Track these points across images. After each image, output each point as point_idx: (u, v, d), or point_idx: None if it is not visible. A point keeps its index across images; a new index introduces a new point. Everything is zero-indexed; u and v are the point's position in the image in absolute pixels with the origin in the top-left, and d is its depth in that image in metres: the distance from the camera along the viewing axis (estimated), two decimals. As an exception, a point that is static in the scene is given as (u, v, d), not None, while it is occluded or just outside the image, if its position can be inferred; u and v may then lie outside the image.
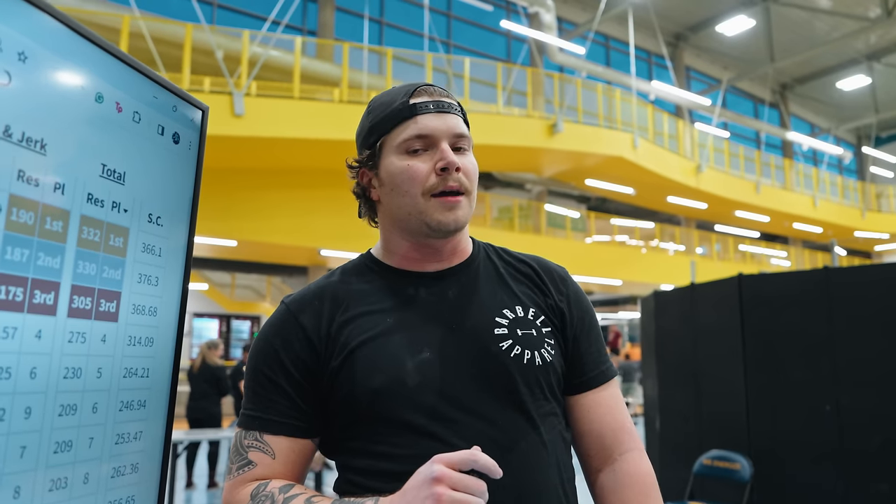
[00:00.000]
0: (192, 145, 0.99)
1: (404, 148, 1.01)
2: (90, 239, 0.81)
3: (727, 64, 23.37)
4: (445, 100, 1.05)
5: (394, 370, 0.96)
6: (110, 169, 0.84)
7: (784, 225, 21.76)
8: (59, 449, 0.77)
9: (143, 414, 0.91)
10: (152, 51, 10.63)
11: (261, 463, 0.96)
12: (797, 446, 4.39)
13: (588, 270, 17.39)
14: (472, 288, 1.07)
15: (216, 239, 12.46)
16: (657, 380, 5.69)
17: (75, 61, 0.78)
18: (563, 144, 14.54)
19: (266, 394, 0.99)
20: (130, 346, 0.88)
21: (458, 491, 0.80)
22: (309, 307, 1.02)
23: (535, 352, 1.02)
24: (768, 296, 4.70)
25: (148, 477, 0.92)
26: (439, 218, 1.00)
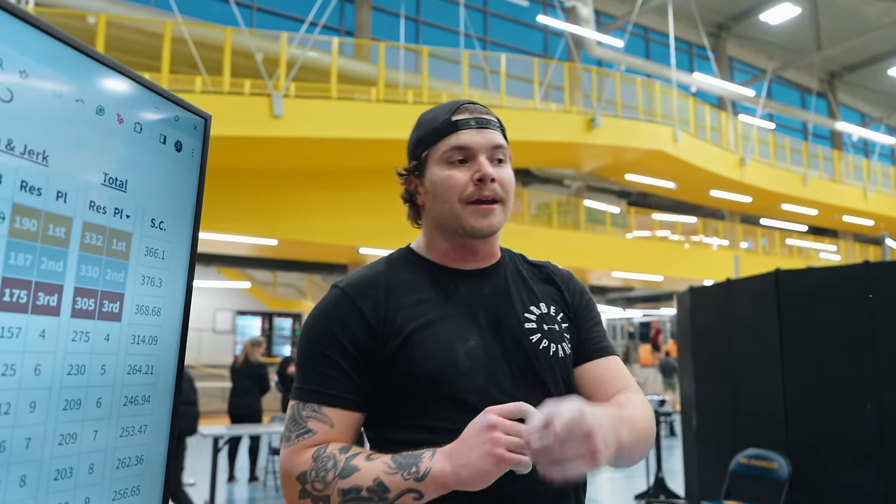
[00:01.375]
0: (194, 152, 1.04)
1: (445, 159, 1.14)
2: (92, 244, 0.86)
3: (772, 53, 22.80)
4: (485, 116, 1.17)
5: (449, 354, 1.08)
6: (112, 177, 0.89)
7: (833, 218, 21.14)
8: (64, 441, 0.82)
9: (147, 409, 0.96)
10: (194, 54, 10.89)
11: (319, 431, 1.05)
12: (837, 445, 4.29)
13: (629, 266, 17.20)
14: (504, 286, 1.20)
15: (258, 238, 12.71)
16: (693, 377, 5.61)
17: (75, 77, 0.83)
18: (602, 139, 14.40)
19: (325, 370, 1.07)
20: (134, 344, 0.93)
21: (510, 435, 0.92)
22: (366, 293, 1.12)
23: (559, 345, 1.17)
24: (807, 291, 4.60)
25: (153, 468, 0.97)
26: (473, 223, 1.13)
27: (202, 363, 15.52)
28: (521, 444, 0.92)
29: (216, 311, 18.15)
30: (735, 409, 5.01)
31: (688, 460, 5.87)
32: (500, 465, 0.91)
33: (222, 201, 11.83)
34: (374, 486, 0.96)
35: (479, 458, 0.92)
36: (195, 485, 7.02)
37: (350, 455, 1.00)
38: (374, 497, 0.96)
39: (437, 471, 0.94)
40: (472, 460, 0.92)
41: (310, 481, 1.00)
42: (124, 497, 0.92)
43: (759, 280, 4.90)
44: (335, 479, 0.98)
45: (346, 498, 0.97)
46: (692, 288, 5.75)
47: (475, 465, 0.92)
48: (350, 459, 0.99)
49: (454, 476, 0.93)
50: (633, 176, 16.91)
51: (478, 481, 0.93)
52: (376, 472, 0.97)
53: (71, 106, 0.82)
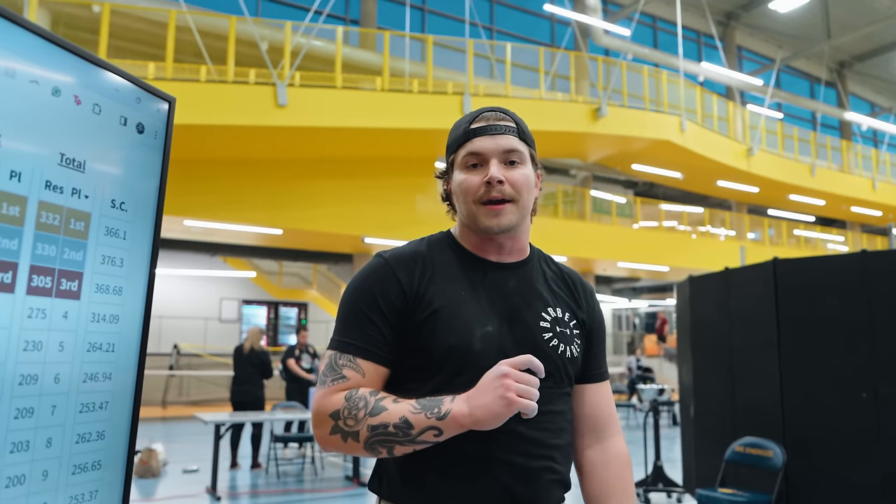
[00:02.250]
0: (157, 135, 1.05)
1: (463, 164, 1.27)
2: (49, 223, 0.87)
3: (781, 42, 22.59)
4: (500, 123, 1.27)
5: (466, 334, 1.19)
6: (69, 158, 0.90)
7: (841, 209, 21.01)
8: (20, 415, 0.84)
9: (108, 385, 0.98)
10: (199, 43, 10.90)
11: (352, 379, 1.17)
12: (832, 434, 4.29)
13: (635, 257, 17.16)
14: (528, 284, 1.30)
15: (263, 228, 12.74)
16: (692, 366, 5.62)
17: (30, 58, 0.85)
18: (608, 129, 14.33)
19: (362, 327, 1.19)
20: (94, 322, 0.95)
21: (521, 383, 1.07)
22: (405, 266, 1.23)
23: (568, 346, 1.28)
24: (805, 281, 4.59)
25: (115, 444, 0.99)
26: (485, 222, 1.24)
27: (208, 352, 15.61)
28: (529, 390, 1.06)
29: (222, 300, 18.24)
30: (732, 399, 5.01)
31: (686, 449, 5.88)
32: (510, 407, 1.05)
33: (227, 191, 11.87)
34: (401, 423, 1.09)
35: (493, 401, 1.06)
36: (198, 471, 7.09)
37: (380, 398, 1.13)
38: (400, 433, 1.09)
39: (456, 411, 1.08)
40: (485, 402, 1.06)
41: (342, 418, 1.12)
42: (85, 471, 0.94)
43: (757, 269, 4.89)
44: (366, 416, 1.10)
45: (373, 433, 1.10)
46: (692, 277, 5.74)
47: (489, 407, 1.06)
48: (380, 401, 1.12)
49: (471, 416, 1.07)
50: (639, 166, 16.84)
51: (491, 421, 1.06)
52: (403, 411, 1.10)
53: (25, 87, 0.84)
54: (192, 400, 14.26)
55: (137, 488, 6.35)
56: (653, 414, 6.40)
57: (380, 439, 1.10)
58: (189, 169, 11.24)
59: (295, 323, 17.84)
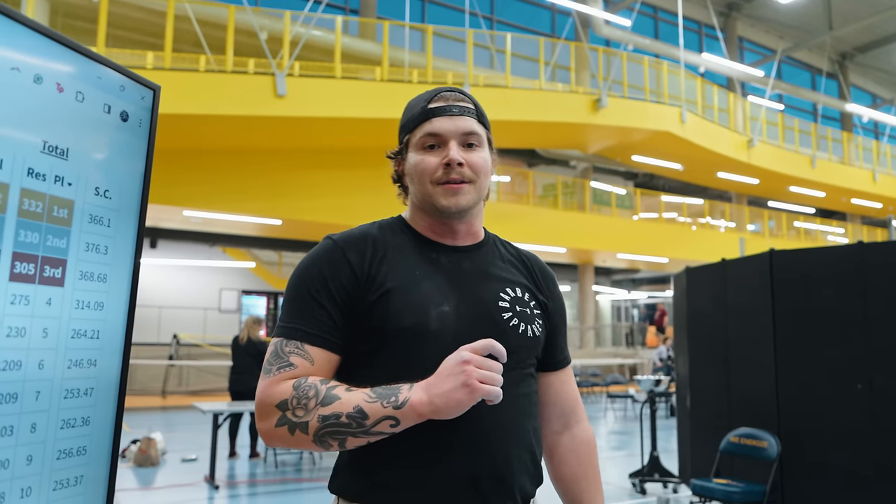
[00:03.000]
0: (142, 123, 1.05)
1: (420, 144, 1.22)
2: (32, 210, 0.88)
3: (783, 33, 22.51)
4: (459, 104, 1.24)
5: (421, 314, 1.14)
6: (52, 145, 0.91)
7: (841, 201, 20.99)
8: (4, 400, 0.85)
9: (93, 372, 0.98)
10: (198, 33, 10.86)
11: (301, 366, 1.10)
12: (827, 425, 4.31)
13: (634, 248, 17.17)
14: (483, 265, 1.27)
15: (262, 218, 12.74)
16: (688, 357, 5.63)
17: (10, 45, 0.85)
18: (608, 120, 14.30)
19: (310, 311, 1.13)
20: (78, 309, 0.95)
21: (483, 369, 1.02)
22: (355, 247, 1.19)
23: (529, 326, 1.24)
24: (800, 272, 4.59)
25: (100, 430, 1.00)
26: (443, 202, 1.20)
27: (208, 342, 15.65)
28: (492, 376, 1.02)
29: (221, 290, 18.26)
30: (728, 390, 5.03)
31: (682, 440, 5.90)
32: (473, 394, 1.01)
33: (226, 181, 11.86)
34: (354, 413, 1.03)
35: (453, 389, 1.01)
36: (196, 460, 7.12)
37: (331, 385, 1.06)
38: (353, 423, 1.03)
39: (414, 400, 1.02)
40: (445, 390, 1.01)
41: (290, 408, 1.05)
42: (69, 457, 0.94)
43: (753, 260, 4.90)
44: (317, 406, 1.04)
45: (324, 424, 1.03)
46: (688, 269, 5.75)
47: (449, 395, 1.01)
48: (331, 389, 1.05)
49: (430, 405, 1.02)
50: (639, 157, 16.83)
51: (452, 409, 1.02)
52: (357, 400, 1.04)
53: (5, 74, 0.84)
54: (191, 390, 14.30)
55: (136, 477, 6.39)
56: (650, 405, 6.42)
57: (331, 431, 1.03)
58: (188, 159, 11.23)
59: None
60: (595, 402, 14.54)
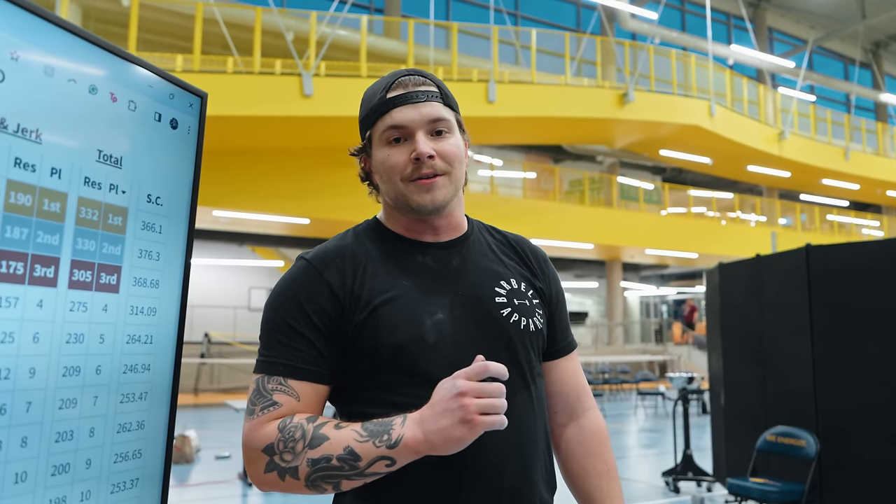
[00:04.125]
0: (191, 130, 1.07)
1: (384, 139, 1.10)
2: (88, 218, 0.89)
3: (814, 23, 22.09)
4: (420, 89, 1.11)
5: (415, 327, 1.05)
6: (107, 154, 0.92)
7: (876, 193, 20.57)
8: (64, 405, 0.87)
9: (147, 377, 1.00)
10: (226, 35, 10.98)
11: (285, 404, 1.01)
12: (867, 424, 4.22)
13: (663, 244, 17.00)
14: (472, 259, 1.17)
15: (289, 217, 12.87)
16: (721, 354, 5.56)
17: (67, 57, 0.86)
18: (635, 114, 14.18)
19: (290, 342, 1.04)
20: (133, 314, 0.97)
21: (482, 398, 0.92)
22: (332, 264, 1.09)
23: (530, 319, 1.15)
24: (838, 268, 4.50)
25: (155, 434, 1.01)
26: (418, 200, 1.09)
27: (238, 340, 15.84)
28: (493, 403, 0.92)
29: (251, 289, 18.46)
30: (764, 387, 4.96)
31: (716, 438, 5.83)
32: (473, 430, 0.92)
33: (254, 181, 11.99)
34: (345, 455, 0.95)
35: (452, 426, 0.92)
36: (230, 457, 7.22)
37: (318, 424, 0.98)
38: (346, 466, 0.95)
39: (409, 437, 0.94)
40: (442, 427, 0.92)
41: (277, 452, 0.97)
42: (126, 460, 0.96)
43: (789, 256, 4.81)
44: (304, 448, 0.96)
45: (315, 468, 0.96)
46: (721, 264, 5.67)
47: (447, 433, 0.92)
48: (319, 429, 0.97)
49: (426, 443, 0.93)
50: (667, 151, 16.65)
51: (451, 447, 0.93)
52: (346, 440, 0.96)
53: (63, 85, 0.86)
54: (223, 387, 14.50)
55: (171, 474, 6.49)
56: (682, 402, 6.36)
57: (323, 475, 0.96)
58: (217, 160, 11.37)
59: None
60: (625, 400, 14.44)
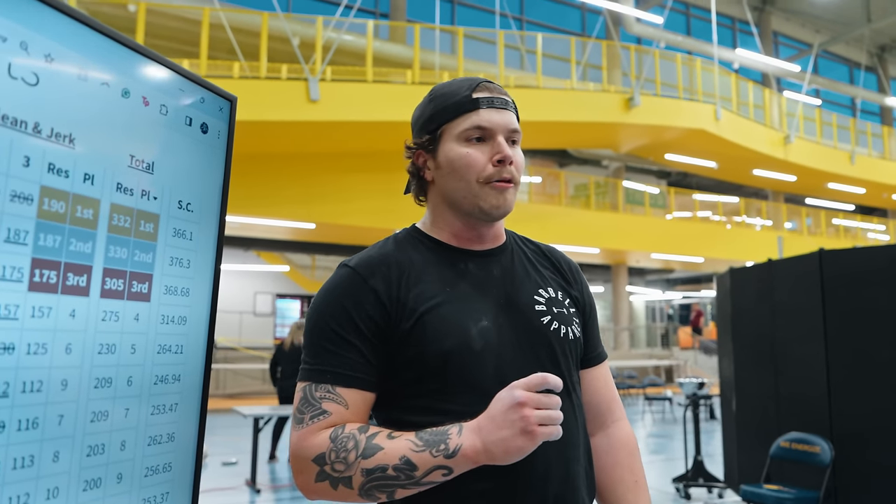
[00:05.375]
0: (220, 134, 1.05)
1: (464, 136, 1.11)
2: (120, 225, 0.87)
3: (819, 27, 22.05)
4: (504, 97, 1.15)
5: (462, 335, 1.06)
6: (139, 159, 0.90)
7: (882, 196, 20.49)
8: (96, 418, 0.84)
9: (177, 387, 0.97)
10: (232, 40, 10.99)
11: (335, 412, 1.02)
12: (882, 430, 4.18)
13: (668, 248, 16.95)
14: (512, 268, 1.19)
15: (296, 222, 12.84)
16: (733, 359, 5.52)
17: (100, 60, 0.84)
18: (641, 118, 14.14)
19: (337, 350, 1.04)
20: (164, 324, 0.94)
21: (541, 409, 0.93)
22: (377, 271, 1.09)
23: (569, 327, 1.17)
24: (852, 272, 4.47)
25: (184, 446, 0.99)
26: (492, 202, 1.11)
27: (243, 345, 15.82)
28: (551, 415, 0.93)
29: (256, 294, 18.46)
30: (776, 393, 4.91)
31: (727, 444, 5.79)
32: (534, 440, 0.93)
33: (260, 186, 11.98)
34: (402, 465, 0.95)
35: (513, 436, 0.93)
36: (237, 463, 7.18)
37: (370, 434, 0.99)
38: (402, 476, 0.95)
39: (467, 447, 0.95)
40: (503, 437, 0.93)
41: (329, 462, 0.98)
42: (156, 473, 0.94)
43: (802, 260, 4.78)
44: (357, 459, 0.96)
45: (370, 478, 0.96)
46: (732, 269, 5.64)
47: (508, 443, 0.93)
48: (371, 439, 0.98)
49: (486, 453, 0.94)
50: (672, 156, 16.61)
51: (511, 457, 0.94)
52: (402, 450, 0.96)
53: (96, 89, 0.83)
54: (228, 393, 14.47)
55: (179, 480, 6.46)
56: (692, 408, 6.31)
57: (377, 484, 0.96)
58: (223, 165, 11.35)
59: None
60: (632, 405, 14.38)
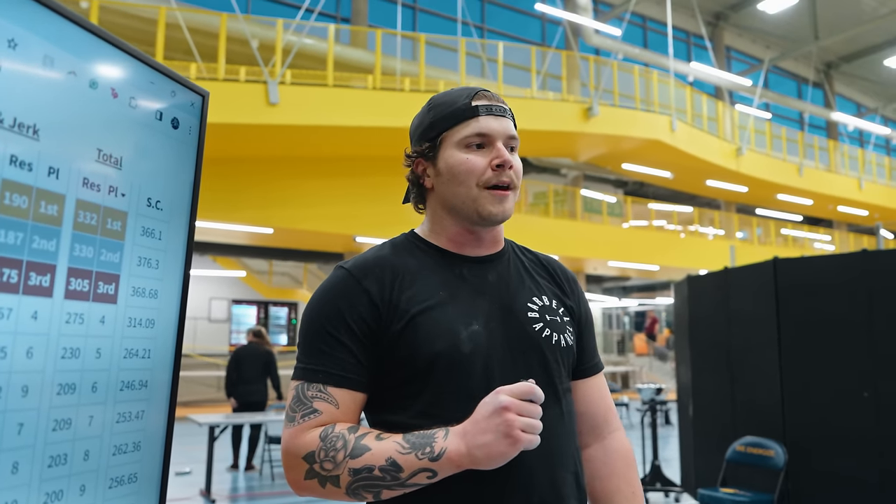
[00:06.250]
0: (192, 130, 1.00)
1: (464, 143, 1.14)
2: (86, 223, 0.83)
3: (769, 43, 22.73)
4: (502, 105, 1.18)
5: (451, 337, 1.07)
6: (106, 154, 0.85)
7: (828, 208, 21.17)
8: (58, 427, 0.79)
9: (144, 394, 0.93)
10: (189, 41, 10.78)
11: (325, 411, 1.03)
12: (833, 434, 4.29)
13: (625, 256, 17.19)
14: (508, 275, 1.20)
15: (253, 227, 12.64)
16: (690, 366, 5.61)
17: (67, 48, 0.80)
18: (599, 128, 14.34)
19: (330, 350, 1.06)
20: (131, 327, 0.90)
21: (523, 416, 0.95)
22: (371, 273, 1.11)
23: (561, 335, 1.18)
24: (805, 280, 4.59)
25: (150, 455, 0.94)
26: (490, 208, 1.13)
27: (197, 352, 15.49)
28: (532, 423, 0.95)
29: (211, 299, 18.10)
30: (732, 399, 5.01)
31: (684, 449, 5.88)
32: (515, 446, 0.94)
33: (217, 189, 11.75)
34: (388, 466, 0.97)
35: (495, 441, 0.94)
36: (191, 473, 7.01)
37: (360, 435, 1.00)
38: (387, 476, 0.97)
39: (452, 451, 0.96)
40: (487, 441, 0.95)
41: (318, 461, 0.99)
42: (121, 485, 0.89)
43: (757, 269, 4.89)
44: (346, 458, 0.98)
45: (357, 477, 0.98)
46: (690, 277, 5.74)
47: (490, 447, 0.94)
48: (360, 439, 1.00)
49: (469, 456, 0.96)
50: (629, 165, 16.87)
51: (493, 462, 0.95)
52: (388, 451, 0.98)
53: (62, 79, 0.79)
54: (182, 401, 14.13)
55: (130, 491, 6.27)
56: (650, 413, 6.39)
57: (364, 484, 0.98)
58: (179, 167, 11.11)
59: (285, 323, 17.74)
60: (588, 411, 14.51)
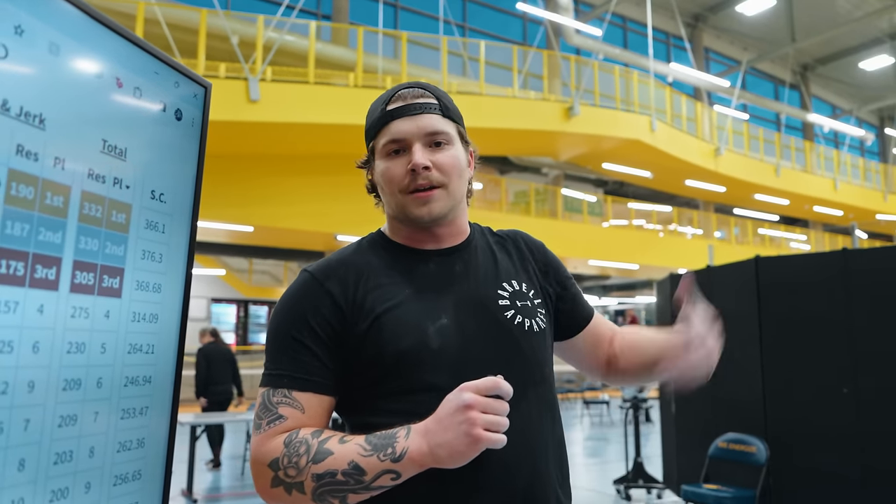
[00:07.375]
0: (195, 122, 0.99)
1: (384, 152, 1.13)
2: (92, 215, 0.81)
3: (747, 45, 22.99)
4: (419, 101, 1.13)
5: (418, 334, 1.05)
6: (111, 145, 0.84)
7: (804, 208, 21.47)
8: (64, 423, 0.78)
9: (148, 390, 0.91)
10: (168, 37, 10.65)
11: (291, 417, 1.01)
12: (814, 429, 4.36)
13: (605, 255, 17.30)
14: (475, 264, 1.18)
15: (233, 224, 12.52)
16: (673, 363, 5.65)
17: (74, 36, 0.78)
18: (580, 128, 14.41)
19: (294, 354, 1.04)
20: (135, 322, 0.88)
21: (488, 413, 0.92)
22: (334, 275, 1.10)
23: (532, 320, 1.16)
24: (786, 279, 4.65)
25: (154, 453, 0.93)
26: (415, 212, 1.11)
27: (176, 351, 15.32)
28: (497, 421, 0.92)
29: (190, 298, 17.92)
30: (714, 396, 5.06)
31: (666, 445, 5.93)
32: (477, 444, 0.91)
33: (197, 187, 11.63)
34: (350, 470, 0.95)
35: (456, 439, 0.92)
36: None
37: (323, 439, 0.98)
38: (351, 480, 0.94)
39: (413, 450, 0.94)
40: (448, 440, 0.92)
41: (282, 468, 0.97)
42: (125, 482, 0.87)
43: (738, 267, 4.94)
44: (308, 464, 0.96)
45: (320, 483, 0.95)
46: (672, 275, 5.79)
47: (452, 446, 0.92)
48: (323, 443, 0.97)
49: (431, 455, 0.93)
50: (610, 165, 16.98)
51: (455, 461, 0.93)
52: (351, 454, 0.95)
53: (68, 67, 0.77)
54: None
55: (109, 492, 6.19)
56: (633, 411, 6.44)
57: (328, 489, 0.95)
58: (158, 164, 10.98)
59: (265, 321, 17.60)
60: (570, 409, 14.60)
